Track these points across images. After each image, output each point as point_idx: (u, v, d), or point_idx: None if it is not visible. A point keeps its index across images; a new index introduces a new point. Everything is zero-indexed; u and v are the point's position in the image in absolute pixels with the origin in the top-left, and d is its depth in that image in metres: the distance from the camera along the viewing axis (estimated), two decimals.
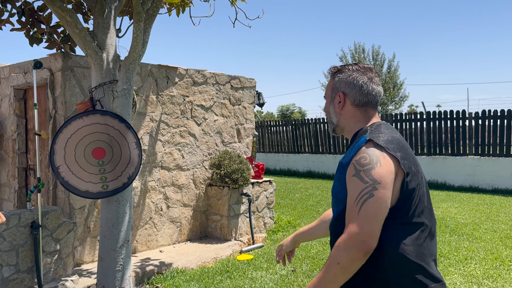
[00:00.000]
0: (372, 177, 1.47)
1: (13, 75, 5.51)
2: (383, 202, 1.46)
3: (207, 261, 5.17)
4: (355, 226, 1.44)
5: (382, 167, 1.49)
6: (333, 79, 1.76)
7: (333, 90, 1.75)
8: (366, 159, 1.50)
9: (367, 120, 1.71)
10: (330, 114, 1.78)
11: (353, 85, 1.70)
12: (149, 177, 5.60)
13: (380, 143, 1.54)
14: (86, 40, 3.69)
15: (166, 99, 5.78)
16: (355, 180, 1.49)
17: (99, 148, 3.78)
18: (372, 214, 1.44)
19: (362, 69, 1.72)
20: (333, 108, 1.76)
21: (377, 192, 1.45)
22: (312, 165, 14.18)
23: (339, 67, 1.77)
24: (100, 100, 3.82)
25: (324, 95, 1.83)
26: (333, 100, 1.76)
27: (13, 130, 5.55)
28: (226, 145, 6.64)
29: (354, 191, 1.48)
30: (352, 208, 1.47)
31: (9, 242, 3.87)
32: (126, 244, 3.86)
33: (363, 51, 25.50)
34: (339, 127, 1.77)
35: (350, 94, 1.71)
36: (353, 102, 1.71)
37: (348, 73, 1.72)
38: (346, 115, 1.73)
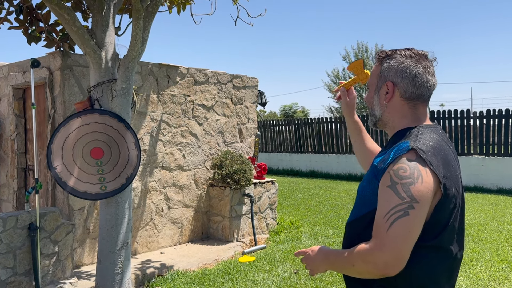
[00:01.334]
0: (411, 194, 1.29)
1: (12, 74, 5.44)
2: (418, 224, 1.30)
3: (209, 263, 5.10)
4: (380, 245, 1.29)
5: (423, 184, 1.31)
6: (381, 65, 1.53)
7: (380, 78, 1.53)
8: (406, 171, 1.32)
9: (415, 117, 1.50)
10: (374, 105, 1.56)
11: (405, 74, 1.47)
12: (149, 177, 5.52)
13: (423, 156, 1.34)
14: (84, 38, 3.62)
15: (167, 98, 5.71)
16: (390, 193, 1.32)
17: (97, 148, 3.70)
18: (402, 235, 1.28)
19: (416, 56, 1.49)
20: (378, 99, 1.54)
21: (413, 212, 1.28)
22: (315, 165, 14.09)
23: (388, 52, 1.54)
24: (99, 100, 3.75)
25: (368, 84, 1.61)
26: (378, 90, 1.54)
27: (12, 130, 5.49)
28: (228, 145, 6.56)
29: (386, 204, 1.32)
30: (381, 223, 1.31)
31: (6, 244, 3.80)
32: (125, 246, 3.78)
33: (366, 50, 25.40)
34: (381, 121, 1.56)
35: (401, 84, 1.48)
36: (403, 94, 1.49)
37: (400, 59, 1.49)
38: (393, 108, 1.51)
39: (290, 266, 4.89)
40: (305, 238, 6.07)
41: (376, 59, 1.59)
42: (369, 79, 1.60)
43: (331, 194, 9.87)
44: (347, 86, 1.90)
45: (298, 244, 5.78)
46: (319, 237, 6.12)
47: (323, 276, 4.56)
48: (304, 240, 5.97)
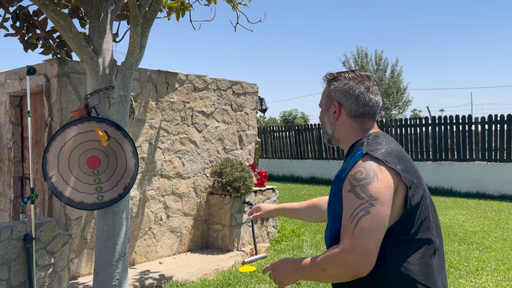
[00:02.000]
0: (369, 193, 1.36)
1: (8, 82, 5.37)
2: (380, 220, 1.35)
3: (208, 273, 4.99)
4: (348, 245, 1.33)
5: (379, 182, 1.38)
6: (329, 87, 1.65)
7: (328, 99, 1.65)
8: (362, 173, 1.40)
9: (364, 131, 1.60)
10: (325, 124, 1.67)
11: (349, 94, 1.59)
12: (148, 186, 5.43)
13: (378, 156, 1.43)
14: (81, 44, 3.55)
15: (166, 105, 5.63)
16: (351, 196, 1.39)
17: (94, 157, 3.61)
18: (367, 232, 1.32)
19: (359, 78, 1.61)
20: (328, 118, 1.66)
21: (373, 209, 1.35)
22: (315, 171, 14.00)
23: (335, 74, 1.66)
24: (96, 107, 3.67)
25: (319, 103, 1.72)
26: (328, 110, 1.65)
27: (8, 138, 5.41)
28: (228, 152, 6.48)
29: (349, 208, 1.38)
30: (347, 225, 1.36)
31: (0, 256, 3.70)
32: (122, 257, 3.69)
33: (366, 55, 25.38)
34: (334, 138, 1.67)
35: (345, 104, 1.60)
36: (349, 113, 1.60)
37: (344, 81, 1.61)
38: (341, 126, 1.62)
39: None
40: (307, 246, 5.97)
41: (324, 81, 1.69)
42: (320, 99, 1.71)
43: None
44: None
45: (299, 253, 5.68)
46: (320, 245, 6.01)
47: (325, 286, 4.46)
48: (306, 248, 5.87)
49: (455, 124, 11.14)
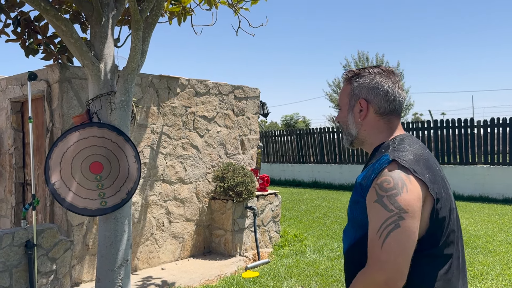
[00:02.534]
0: (398, 205, 1.27)
1: (10, 88, 5.36)
2: (411, 234, 1.26)
3: (211, 278, 4.95)
4: (377, 263, 1.24)
5: (409, 193, 1.28)
6: (351, 84, 1.54)
7: (352, 97, 1.53)
8: (390, 183, 1.30)
9: (391, 131, 1.51)
10: (348, 124, 1.55)
11: (377, 90, 1.49)
12: (150, 191, 5.41)
13: (406, 165, 1.33)
14: (82, 50, 3.53)
15: (167, 110, 5.61)
16: (377, 207, 1.29)
17: (96, 163, 3.59)
18: (398, 248, 1.24)
19: (384, 72, 1.51)
20: (352, 118, 1.54)
21: (404, 222, 1.25)
22: (317, 175, 13.96)
23: (356, 71, 1.55)
24: (97, 113, 3.65)
25: (338, 103, 1.61)
26: (352, 109, 1.53)
27: (10, 144, 5.39)
28: (230, 157, 6.45)
29: (376, 220, 1.28)
30: (374, 240, 1.27)
31: (2, 262, 3.68)
32: (125, 264, 3.65)
33: (367, 59, 25.37)
34: (358, 140, 1.56)
35: (373, 101, 1.49)
36: (377, 110, 1.50)
37: (370, 77, 1.51)
38: (368, 125, 1.52)
39: (295, 282, 4.75)
40: (310, 251, 5.93)
41: (343, 79, 1.59)
42: (339, 99, 1.61)
43: (334, 205, 9.73)
44: None
45: (302, 258, 5.64)
46: (324, 250, 5.98)
47: None
48: (309, 253, 5.83)
49: (457, 128, 11.10)
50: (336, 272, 5.01)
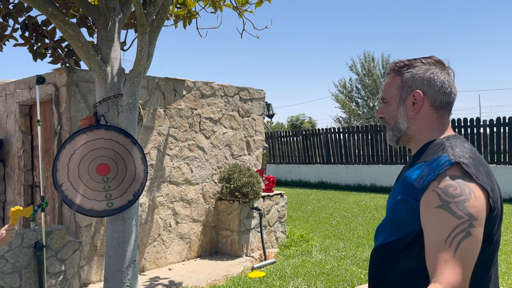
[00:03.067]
0: (467, 211, 1.20)
1: (18, 91, 5.44)
2: (479, 242, 1.21)
3: (218, 279, 4.99)
4: (453, 273, 1.17)
5: (477, 199, 1.22)
6: (401, 75, 1.44)
7: (404, 89, 1.42)
8: (456, 189, 1.22)
9: (442, 128, 1.42)
10: (398, 119, 1.44)
11: (433, 81, 1.39)
12: (157, 192, 5.46)
13: (469, 171, 1.25)
14: (89, 53, 3.59)
15: (174, 112, 5.67)
16: (443, 214, 1.21)
17: (103, 164, 3.64)
18: (469, 257, 1.19)
19: (439, 63, 1.42)
20: (404, 112, 1.43)
21: (474, 230, 1.19)
22: (324, 176, 13.97)
23: (406, 61, 1.45)
24: (105, 115, 3.70)
25: (383, 97, 1.50)
26: (404, 102, 1.43)
27: (18, 146, 5.46)
28: (236, 158, 6.49)
29: (443, 227, 1.20)
30: (443, 248, 1.19)
31: (11, 264, 3.74)
32: (132, 264, 3.70)
33: (372, 59, 25.34)
34: (406, 136, 1.45)
35: (429, 93, 1.39)
36: (433, 103, 1.40)
37: (424, 67, 1.41)
38: (421, 119, 1.41)
39: (301, 282, 4.78)
40: (316, 251, 5.95)
41: (391, 70, 1.48)
42: (386, 93, 1.49)
43: (340, 206, 9.74)
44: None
45: (308, 258, 5.66)
46: (330, 250, 5.99)
47: None
48: (315, 254, 5.85)
49: (463, 127, 11.07)
50: (342, 272, 5.03)
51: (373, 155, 12.84)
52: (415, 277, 1.30)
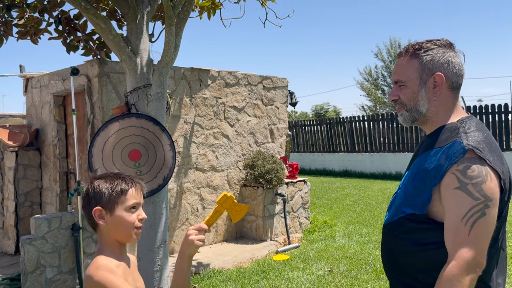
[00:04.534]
0: (484, 193, 1.30)
1: (52, 83, 5.71)
2: (493, 222, 1.32)
3: (243, 261, 5.18)
4: (468, 250, 1.28)
5: (492, 181, 1.31)
6: (418, 58, 1.47)
7: (424, 71, 1.46)
8: (474, 171, 1.31)
9: (456, 110, 1.49)
10: (419, 100, 1.48)
11: (451, 64, 1.46)
12: (184, 178, 5.67)
13: (483, 156, 1.33)
14: (120, 46, 3.77)
15: (199, 101, 5.84)
16: (461, 195, 1.31)
17: (135, 150, 3.85)
18: (483, 235, 1.30)
19: (451, 45, 1.49)
20: (425, 94, 1.47)
21: (489, 211, 1.29)
22: (348, 164, 13.99)
23: (422, 44, 1.49)
24: (135, 104, 3.90)
25: (399, 80, 1.52)
26: (425, 84, 1.47)
27: (53, 136, 5.75)
28: (260, 145, 6.64)
29: (459, 207, 1.31)
30: (459, 227, 1.30)
31: (51, 244, 4.01)
32: (163, 244, 3.91)
33: (399, 46, 24.96)
34: (424, 118, 1.50)
35: (448, 76, 1.46)
36: (451, 85, 1.47)
37: (441, 50, 1.46)
38: (440, 101, 1.47)
39: (324, 265, 4.91)
40: (339, 237, 6.07)
41: (406, 53, 1.52)
42: (402, 75, 1.51)
43: (365, 193, 9.79)
44: (210, 222, 1.62)
45: (332, 243, 5.79)
46: (353, 236, 6.10)
47: (357, 274, 4.56)
48: (338, 239, 5.97)
49: (491, 114, 10.90)
50: (365, 256, 5.14)
51: (398, 143, 12.77)
52: (424, 249, 1.40)
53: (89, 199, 1.49)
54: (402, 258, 1.46)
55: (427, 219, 1.39)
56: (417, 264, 1.41)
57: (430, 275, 1.38)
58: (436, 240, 1.37)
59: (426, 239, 1.39)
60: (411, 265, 1.43)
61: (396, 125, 12.76)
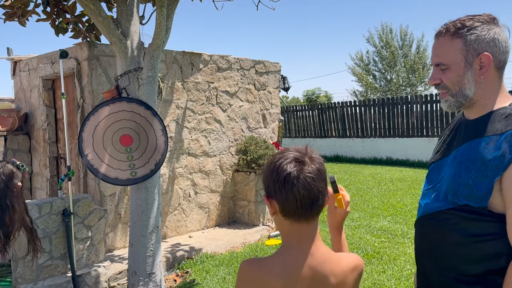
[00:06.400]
0: None
1: (41, 66, 5.60)
2: None
3: (236, 246, 5.19)
4: None
5: None
6: (462, 37, 1.35)
7: (469, 52, 1.35)
8: None
9: (502, 91, 1.39)
10: (465, 84, 1.37)
11: (497, 42, 1.34)
12: (176, 163, 5.63)
13: None
14: (110, 28, 3.69)
15: (191, 85, 5.78)
16: None
17: (126, 135, 3.80)
18: None
19: (495, 20, 1.36)
20: (471, 76, 1.36)
21: None
22: (339, 149, 14.03)
23: (463, 21, 1.36)
24: (126, 88, 3.83)
25: (442, 62, 1.40)
26: (471, 66, 1.36)
27: (43, 120, 5.66)
28: (252, 130, 6.61)
29: None
30: None
31: (42, 229, 3.97)
32: (155, 230, 3.89)
33: (390, 31, 24.88)
34: (470, 102, 1.40)
35: (495, 55, 1.34)
36: (497, 65, 1.36)
37: (486, 27, 1.34)
38: (487, 83, 1.36)
39: None
40: None
41: (446, 32, 1.39)
42: (444, 57, 1.40)
43: (356, 178, 9.84)
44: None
45: (324, 227, 5.82)
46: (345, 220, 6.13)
47: None
48: None
49: None
50: (356, 240, 5.17)
51: (389, 128, 12.81)
52: (477, 240, 1.35)
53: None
54: (450, 249, 1.40)
55: (486, 212, 1.32)
56: (469, 255, 1.36)
57: (481, 266, 1.34)
58: (491, 231, 1.31)
59: (481, 230, 1.33)
60: (460, 256, 1.38)
61: (387, 111, 12.79)
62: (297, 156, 1.21)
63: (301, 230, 1.21)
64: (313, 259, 1.20)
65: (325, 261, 1.21)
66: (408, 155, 12.06)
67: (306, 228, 1.21)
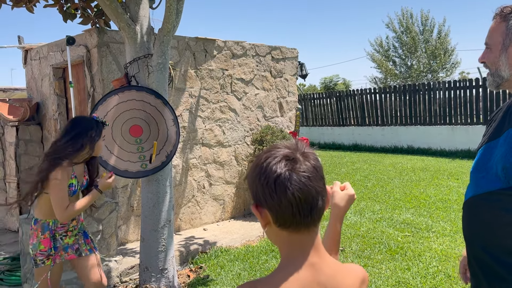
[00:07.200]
0: None
1: (51, 54, 5.46)
2: None
3: (252, 239, 5.01)
4: None
5: None
6: (506, 21, 1.43)
7: (508, 36, 1.42)
8: None
9: None
10: (500, 65, 1.46)
11: None
12: (190, 154, 5.46)
13: None
14: (118, 12, 3.50)
15: (204, 73, 5.57)
16: None
17: (136, 126, 3.62)
18: None
19: None
20: (506, 59, 1.44)
21: None
22: (358, 138, 13.70)
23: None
24: (135, 76, 3.65)
25: (487, 42, 1.50)
26: (506, 49, 1.43)
27: (54, 109, 5.54)
28: (268, 119, 6.39)
29: None
30: None
31: None
32: (168, 224, 3.73)
33: (411, 16, 24.20)
34: (509, 82, 1.47)
35: None
36: None
37: None
38: None
39: None
40: (351, 214, 5.87)
41: (497, 15, 1.47)
42: (489, 38, 1.48)
43: (376, 168, 9.55)
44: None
45: (343, 220, 5.60)
46: (365, 212, 5.90)
47: (371, 254, 4.37)
48: (349, 216, 5.77)
49: None
50: (378, 234, 4.94)
51: (410, 116, 12.42)
52: None
53: None
54: (502, 229, 1.38)
55: None
56: None
57: None
58: None
59: None
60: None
61: (408, 97, 12.38)
62: (287, 153, 0.99)
63: (303, 240, 1.00)
64: (321, 274, 1.00)
65: (334, 275, 1.03)
66: (430, 144, 11.68)
67: (308, 237, 1.01)
